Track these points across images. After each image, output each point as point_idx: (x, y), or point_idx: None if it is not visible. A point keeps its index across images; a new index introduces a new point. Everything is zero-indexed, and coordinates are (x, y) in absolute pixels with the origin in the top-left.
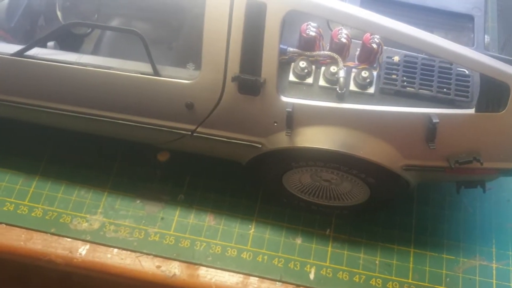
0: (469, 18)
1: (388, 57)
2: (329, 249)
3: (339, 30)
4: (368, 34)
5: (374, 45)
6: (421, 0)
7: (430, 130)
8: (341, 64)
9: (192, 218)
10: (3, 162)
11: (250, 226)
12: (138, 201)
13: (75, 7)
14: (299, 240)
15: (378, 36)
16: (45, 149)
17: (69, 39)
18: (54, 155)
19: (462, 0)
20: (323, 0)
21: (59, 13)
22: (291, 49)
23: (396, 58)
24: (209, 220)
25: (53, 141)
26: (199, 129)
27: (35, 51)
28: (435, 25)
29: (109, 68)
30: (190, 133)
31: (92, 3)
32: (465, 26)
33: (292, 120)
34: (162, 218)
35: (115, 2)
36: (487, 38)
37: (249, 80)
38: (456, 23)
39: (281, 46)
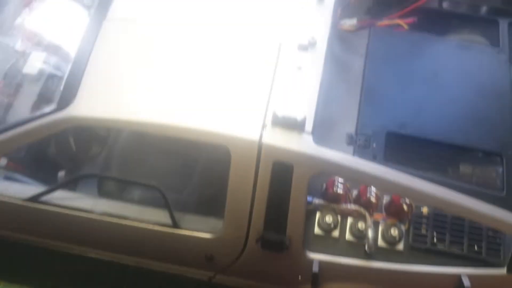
0: (497, 154)
1: (417, 208)
2: None
3: (368, 187)
4: None
5: (405, 207)
6: (448, 137)
7: None
8: (369, 221)
9: None
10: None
11: None
12: None
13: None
14: None
15: None
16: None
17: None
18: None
19: (489, 136)
20: (347, 162)
21: (71, 139)
22: (317, 201)
23: (425, 210)
24: None
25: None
26: (217, 276)
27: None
28: (462, 161)
29: (126, 217)
30: (207, 279)
31: None
32: (492, 161)
33: (318, 279)
34: None
35: None
36: None
37: (274, 240)
38: (483, 159)
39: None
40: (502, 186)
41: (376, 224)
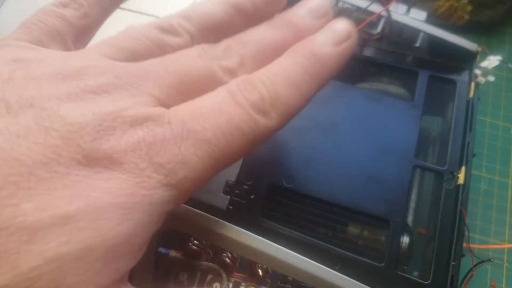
0: (385, 220)
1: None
2: None
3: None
4: None
5: (260, 271)
6: (336, 197)
7: None
8: (225, 282)
9: None
10: None
11: None
12: None
13: None
14: None
15: None
16: None
17: None
18: None
19: (379, 200)
20: (196, 218)
21: None
22: (173, 254)
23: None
24: None
25: None
26: None
27: None
28: (352, 220)
29: None
30: None
31: None
32: (381, 226)
33: None
34: None
35: None
36: (403, 241)
37: None
38: (372, 222)
39: (163, 249)
40: (383, 249)
41: (236, 284)
